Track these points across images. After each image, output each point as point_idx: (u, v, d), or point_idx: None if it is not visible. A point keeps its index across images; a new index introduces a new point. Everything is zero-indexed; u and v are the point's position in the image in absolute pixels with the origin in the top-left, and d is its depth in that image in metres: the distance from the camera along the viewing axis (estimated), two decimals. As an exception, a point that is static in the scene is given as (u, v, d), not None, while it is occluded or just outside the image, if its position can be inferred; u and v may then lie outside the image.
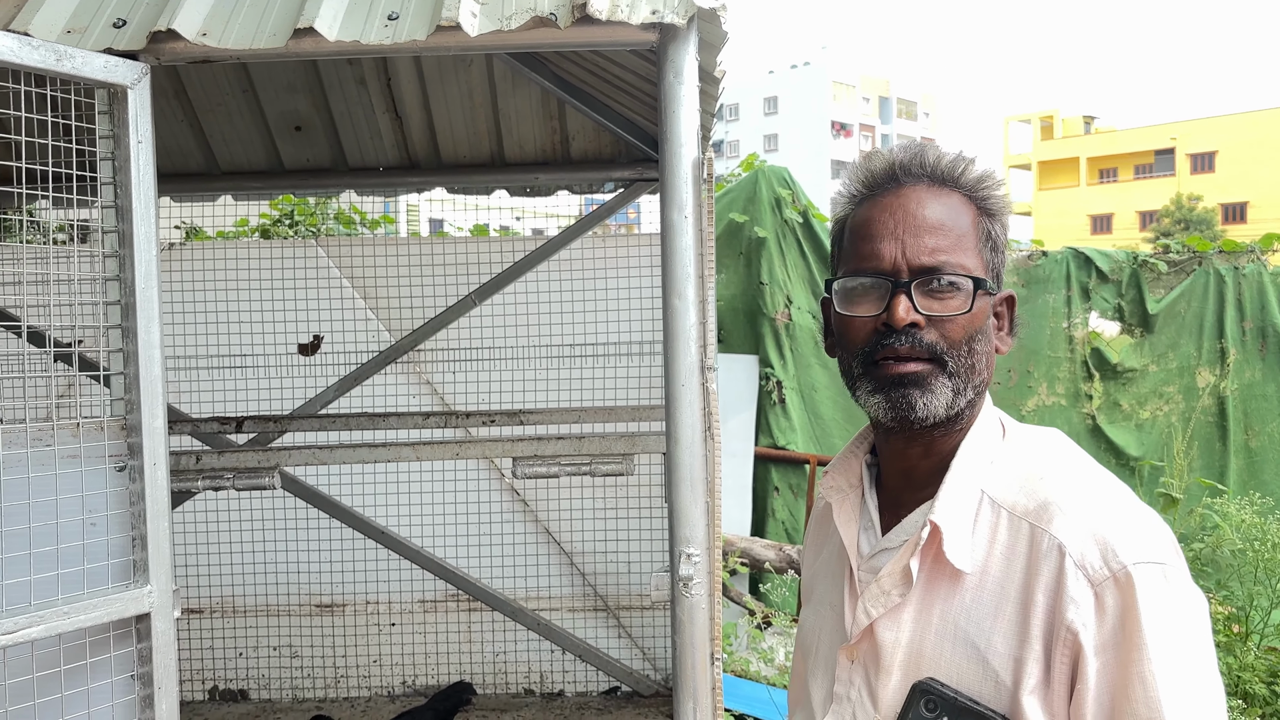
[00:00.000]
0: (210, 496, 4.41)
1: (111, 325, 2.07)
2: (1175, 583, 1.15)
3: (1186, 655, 1.12)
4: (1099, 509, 1.19)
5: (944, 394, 1.23)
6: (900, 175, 1.29)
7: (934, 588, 1.24)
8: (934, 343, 1.23)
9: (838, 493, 1.40)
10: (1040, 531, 1.18)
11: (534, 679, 4.73)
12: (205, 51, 2.06)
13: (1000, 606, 1.19)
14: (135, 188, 2.02)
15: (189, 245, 4.65)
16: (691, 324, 2.12)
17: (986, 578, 1.21)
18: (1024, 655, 1.16)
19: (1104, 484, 1.24)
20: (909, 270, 1.24)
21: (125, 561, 2.06)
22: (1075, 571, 1.14)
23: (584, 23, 1.98)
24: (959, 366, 1.24)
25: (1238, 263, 6.83)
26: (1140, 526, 1.18)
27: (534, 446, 3.04)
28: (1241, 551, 5.03)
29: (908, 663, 1.24)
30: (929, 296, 1.24)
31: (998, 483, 1.26)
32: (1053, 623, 1.15)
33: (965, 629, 1.20)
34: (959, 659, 1.20)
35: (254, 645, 4.69)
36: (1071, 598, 1.13)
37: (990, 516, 1.24)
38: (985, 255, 1.29)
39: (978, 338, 1.26)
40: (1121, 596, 1.12)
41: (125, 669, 2.06)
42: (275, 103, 4.00)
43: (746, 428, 6.49)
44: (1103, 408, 6.87)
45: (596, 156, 4.30)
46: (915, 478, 1.31)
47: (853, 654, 1.31)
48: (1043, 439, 1.33)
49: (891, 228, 1.26)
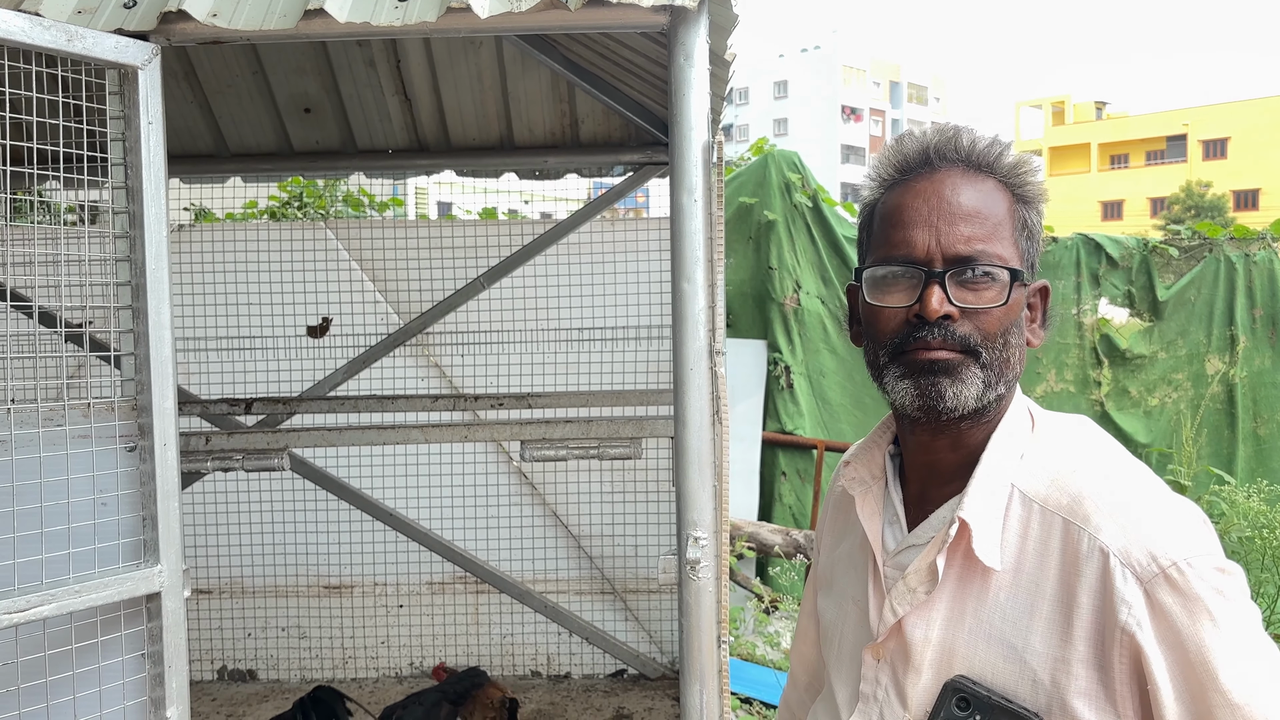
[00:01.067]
0: (220, 477, 4.44)
1: (122, 306, 2.07)
2: (1226, 569, 1.13)
3: (1256, 638, 1.11)
4: (1136, 504, 1.16)
5: (975, 385, 1.19)
6: (934, 159, 1.24)
7: (966, 585, 1.21)
8: (967, 335, 1.19)
9: (860, 484, 1.36)
10: (1077, 529, 1.15)
11: (541, 661, 4.75)
12: (216, 32, 2.06)
13: (1036, 604, 1.16)
14: (146, 169, 2.02)
15: (198, 227, 4.65)
16: (700, 308, 2.12)
17: (1020, 575, 1.18)
18: (1067, 655, 1.13)
19: (1137, 476, 1.21)
20: (943, 259, 1.19)
21: (136, 541, 2.07)
22: (1123, 571, 1.11)
23: (595, 4, 1.97)
24: (993, 359, 1.20)
25: (1249, 250, 6.79)
26: (1179, 518, 1.15)
27: (542, 430, 3.04)
28: (1249, 539, 5.02)
29: (939, 661, 1.21)
30: (963, 287, 1.20)
31: (1029, 477, 1.22)
32: (1103, 625, 1.12)
33: (1000, 627, 1.18)
34: (994, 658, 1.17)
35: (262, 626, 4.72)
36: (1123, 599, 1.10)
37: (1021, 512, 1.20)
38: (1021, 244, 1.24)
39: (1013, 330, 1.22)
40: (1178, 592, 1.09)
41: (136, 647, 2.07)
42: (285, 85, 4.00)
43: (754, 412, 6.49)
44: (1111, 394, 6.85)
45: (606, 140, 4.29)
46: (941, 471, 1.27)
47: (879, 653, 1.27)
48: (1072, 429, 1.29)
49: (925, 214, 1.21)
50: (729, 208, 6.63)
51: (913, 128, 1.33)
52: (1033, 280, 1.27)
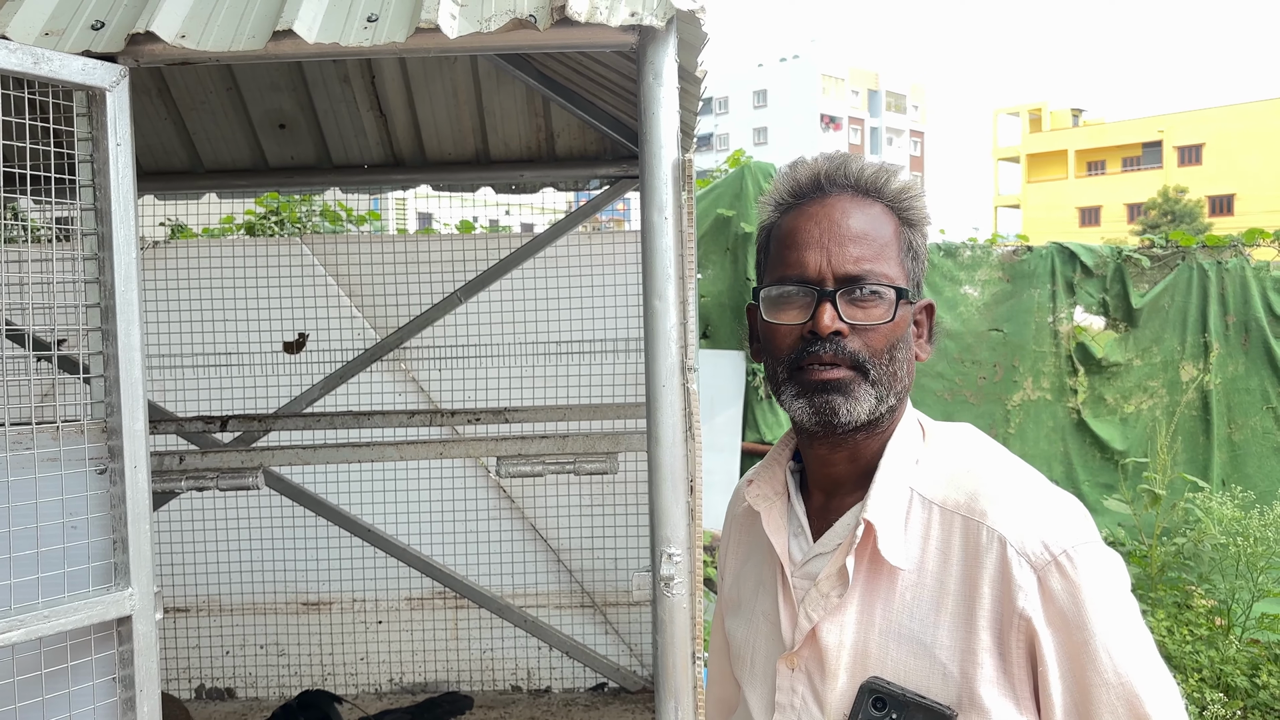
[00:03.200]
0: (197, 494, 4.41)
1: (91, 328, 2.06)
2: (1107, 557, 1.22)
3: (1132, 621, 1.21)
4: (1027, 498, 1.24)
5: (866, 400, 1.26)
6: (825, 185, 1.31)
7: (874, 588, 1.27)
8: (856, 351, 1.26)
9: (764, 500, 1.41)
10: (976, 524, 1.23)
11: (521, 676, 4.74)
12: (184, 54, 2.05)
13: (941, 600, 1.23)
14: (114, 190, 2.01)
15: (173, 243, 4.63)
16: (672, 325, 2.13)
17: (924, 573, 1.25)
18: (973, 646, 1.20)
19: (1023, 474, 1.29)
20: (834, 279, 1.27)
21: (106, 564, 2.05)
22: (1019, 559, 1.19)
23: (563, 24, 1.98)
24: (881, 374, 1.27)
25: (1221, 257, 6.86)
26: (1066, 510, 1.24)
27: (518, 445, 3.04)
28: (1224, 546, 5.06)
29: (853, 664, 1.26)
30: (853, 305, 1.26)
31: (925, 480, 1.29)
32: (1003, 612, 1.19)
33: (909, 626, 1.23)
34: (905, 656, 1.23)
35: (240, 644, 4.69)
36: (1019, 585, 1.18)
37: (922, 513, 1.27)
38: (907, 264, 1.31)
39: (899, 346, 1.29)
40: (1066, 578, 1.17)
41: (107, 672, 2.06)
42: (259, 101, 3.99)
43: (733, 423, 6.51)
44: (1088, 402, 6.90)
45: (582, 153, 4.30)
46: (842, 482, 1.34)
47: (793, 661, 1.32)
48: (960, 435, 1.37)
49: (817, 236, 1.28)
50: (707, 219, 6.65)
51: (804, 155, 1.40)
52: (919, 298, 1.35)
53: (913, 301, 1.32)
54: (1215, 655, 4.76)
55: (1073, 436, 6.88)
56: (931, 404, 6.86)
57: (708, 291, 6.65)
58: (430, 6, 1.99)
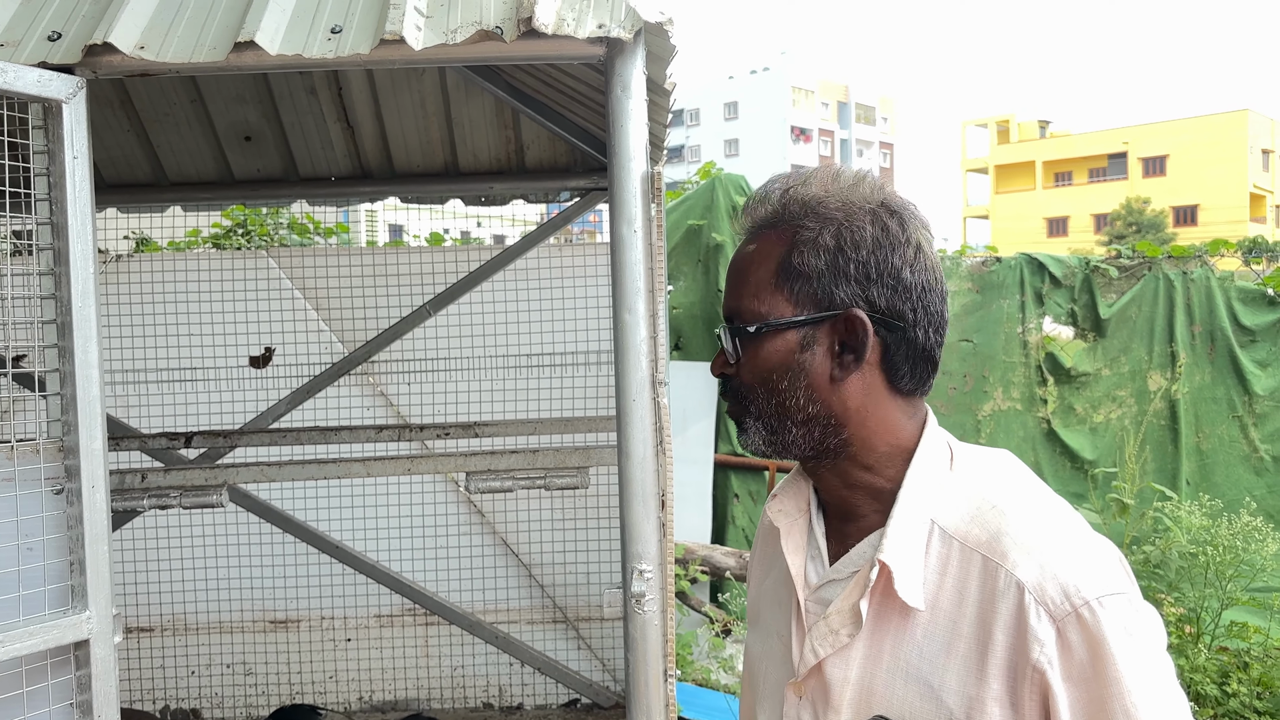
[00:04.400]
0: (161, 513, 4.34)
1: (48, 345, 2.01)
2: (1138, 610, 1.13)
3: (1159, 682, 1.11)
4: (1054, 541, 1.16)
5: (757, 433, 1.28)
6: (744, 220, 1.34)
7: (884, 623, 1.21)
8: (738, 388, 1.29)
9: (786, 517, 1.37)
10: (995, 566, 1.15)
11: (493, 692, 4.69)
12: (144, 65, 2.02)
13: (953, 643, 1.16)
14: (71, 204, 1.97)
15: (137, 257, 4.57)
16: (642, 339, 2.11)
17: (938, 612, 1.18)
18: (982, 694, 1.13)
19: (1056, 513, 1.21)
20: (724, 322, 1.31)
21: (63, 587, 2.00)
22: (1037, 609, 1.11)
23: (530, 36, 1.96)
24: (760, 409, 1.27)
25: (1186, 267, 6.93)
26: (1095, 557, 1.16)
27: (487, 461, 3.01)
28: (1192, 555, 5.09)
29: (857, 700, 1.21)
30: (733, 345, 1.29)
31: (948, 512, 1.22)
32: (1016, 662, 1.12)
33: (918, 665, 1.18)
34: (911, 696, 1.18)
35: (206, 663, 4.61)
36: (1036, 636, 1.11)
37: (941, 548, 1.20)
38: (791, 288, 1.24)
39: (773, 377, 1.25)
40: (1087, 631, 1.10)
41: (64, 697, 2.01)
42: (224, 113, 3.94)
43: (706, 435, 6.49)
44: (1057, 412, 6.94)
45: (552, 165, 4.27)
46: (845, 506, 1.30)
47: (800, 690, 1.28)
48: (993, 464, 1.28)
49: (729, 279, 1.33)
50: (678, 231, 6.64)
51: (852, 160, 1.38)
52: (815, 314, 1.24)
53: (780, 329, 1.24)
54: (1185, 664, 4.79)
55: (1043, 446, 6.91)
56: (903, 415, 6.87)
57: (680, 303, 6.64)
58: (395, 18, 1.97)
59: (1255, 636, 5.19)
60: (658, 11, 2.02)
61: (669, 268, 6.58)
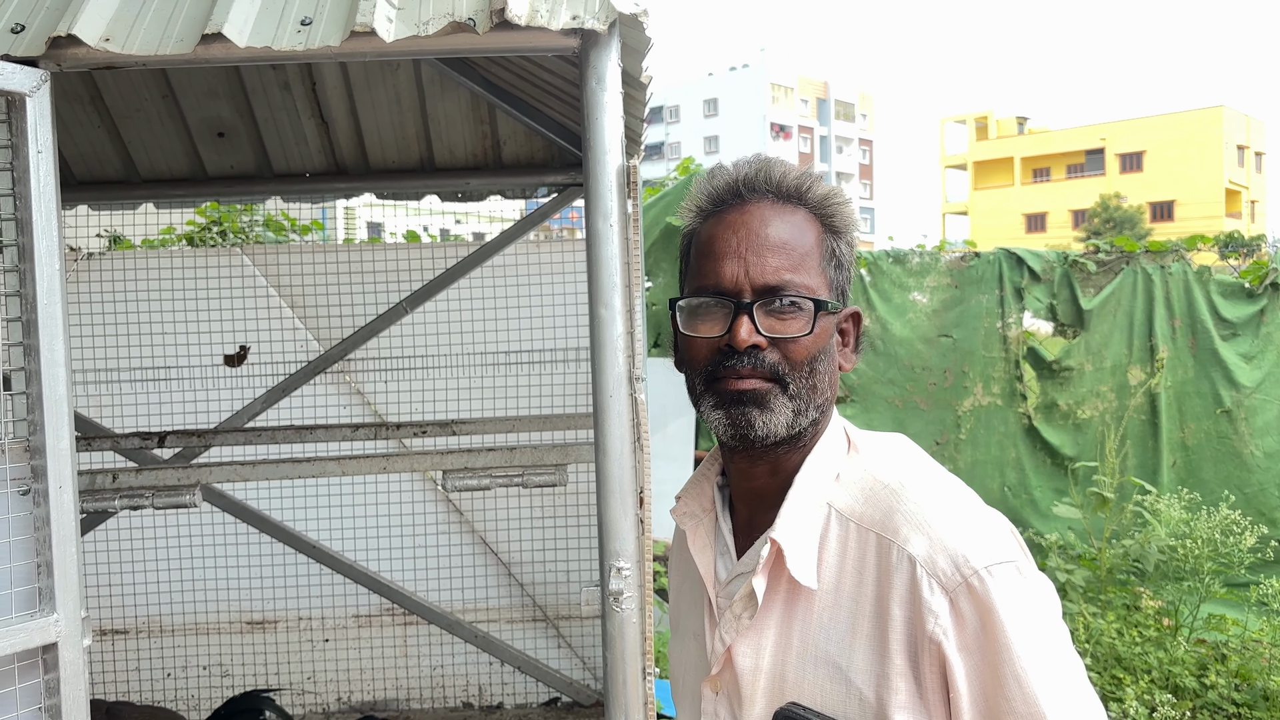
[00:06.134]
0: (134, 513, 4.29)
1: (13, 343, 1.97)
2: (1028, 577, 1.15)
3: (1051, 646, 1.13)
4: (943, 516, 1.18)
5: (784, 414, 1.22)
6: (744, 191, 1.27)
7: (792, 609, 1.22)
8: (775, 363, 1.22)
9: (691, 519, 1.38)
10: (888, 543, 1.17)
11: (472, 692, 4.66)
12: (109, 58, 1.98)
13: (857, 622, 1.18)
14: (35, 200, 1.93)
15: (109, 254, 4.51)
16: (619, 334, 2.08)
17: (841, 594, 1.20)
18: (887, 671, 1.15)
19: (946, 490, 1.23)
20: (752, 290, 1.22)
21: (30, 589, 1.96)
22: (929, 581, 1.13)
23: (503, 28, 1.93)
24: (800, 388, 1.23)
25: (1164, 262, 6.96)
26: (985, 528, 1.18)
27: (464, 459, 2.98)
28: (1171, 548, 5.11)
29: (770, 689, 1.22)
30: (771, 317, 1.22)
31: (844, 495, 1.24)
32: (914, 635, 1.14)
33: (825, 648, 1.19)
34: (821, 680, 1.19)
35: (182, 665, 4.57)
36: (929, 609, 1.12)
37: (839, 530, 1.22)
38: (829, 274, 1.27)
39: (820, 358, 1.25)
40: (977, 599, 1.11)
41: (32, 701, 1.97)
42: (196, 108, 3.89)
43: (686, 431, 6.47)
44: (1039, 407, 6.95)
45: (529, 161, 4.24)
46: (764, 497, 1.29)
47: (716, 685, 1.29)
48: (887, 448, 1.31)
49: (735, 246, 1.24)
50: (656, 228, 6.62)
51: (726, 161, 1.36)
52: (843, 307, 1.30)
53: (835, 311, 1.27)
54: (1164, 656, 4.81)
55: (1023, 441, 6.93)
56: (883, 411, 6.88)
57: (658, 300, 6.62)
58: (366, 9, 1.94)
59: (1233, 629, 5.22)
60: (632, 3, 1.99)
61: (647, 264, 6.56)
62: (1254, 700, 4.56)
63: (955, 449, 6.90)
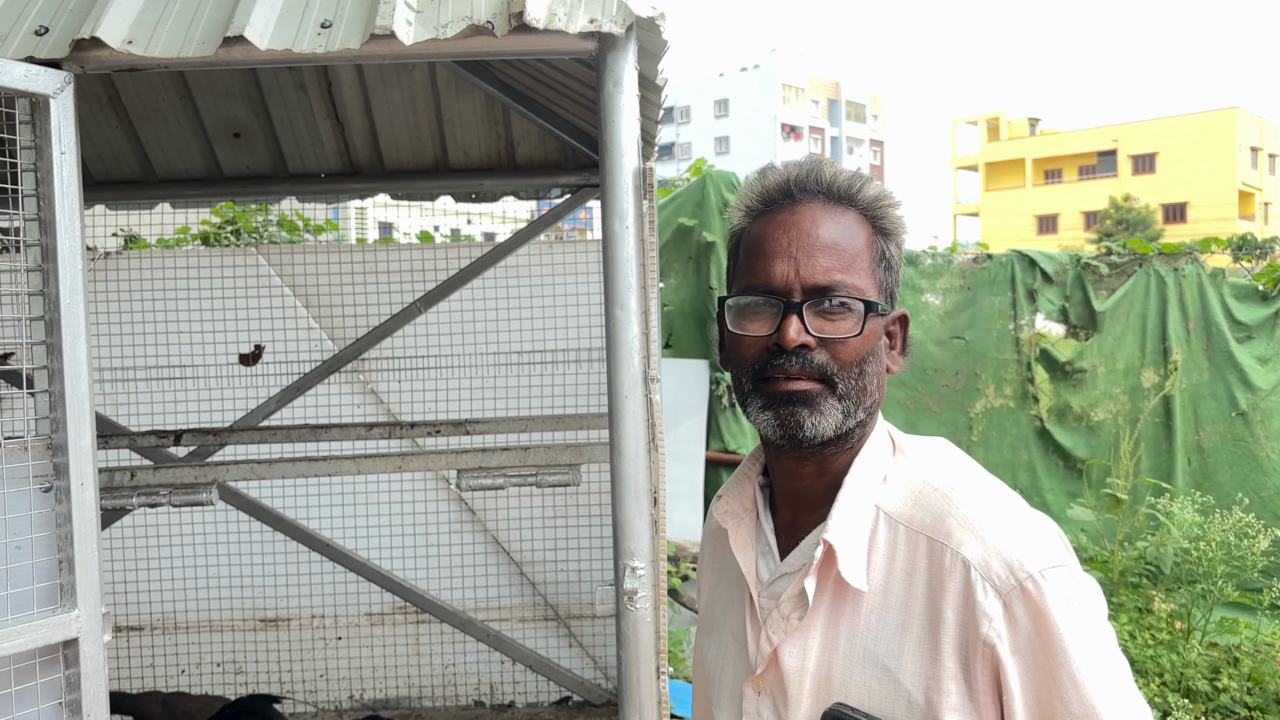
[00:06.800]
0: (150, 511, 4.32)
1: (35, 342, 1.99)
2: (1079, 582, 1.16)
3: (1103, 649, 1.15)
4: (996, 519, 1.19)
5: (833, 415, 1.23)
6: (795, 192, 1.27)
7: (839, 611, 1.23)
8: (824, 364, 1.22)
9: (732, 518, 1.38)
10: (940, 546, 1.19)
11: (484, 690, 4.68)
12: (131, 60, 2.00)
13: (906, 624, 1.19)
14: (59, 200, 1.95)
15: (126, 254, 4.54)
16: (634, 335, 2.10)
17: (890, 596, 1.21)
18: (938, 673, 1.16)
19: (997, 494, 1.25)
20: (801, 290, 1.23)
21: (52, 585, 1.99)
22: (983, 584, 1.14)
23: (521, 31, 1.95)
24: (849, 388, 1.23)
25: (1177, 264, 6.94)
26: (1037, 532, 1.19)
27: (478, 458, 3.00)
28: (1185, 551, 5.10)
29: (816, 689, 1.23)
30: (820, 317, 1.23)
31: (892, 498, 1.25)
32: (967, 639, 1.15)
33: (873, 650, 1.20)
34: (869, 681, 1.19)
35: (197, 662, 4.59)
36: (984, 612, 1.14)
37: (887, 533, 1.23)
38: (879, 275, 1.27)
39: (869, 359, 1.25)
40: (1031, 603, 1.13)
41: (53, 696, 1.99)
42: (213, 109, 3.92)
43: (698, 432, 6.48)
44: (1052, 409, 6.94)
45: (543, 162, 4.26)
46: (809, 498, 1.30)
47: (759, 685, 1.29)
48: (932, 451, 1.32)
49: (785, 245, 1.24)
50: (669, 228, 6.63)
51: (775, 161, 1.36)
52: (891, 309, 1.31)
53: (884, 313, 1.28)
54: (1177, 659, 4.80)
55: (1036, 443, 6.92)
56: (895, 412, 6.88)
57: (671, 300, 6.64)
58: (385, 12, 1.95)
59: (1246, 632, 5.21)
60: (649, 6, 2.01)
61: (659, 265, 6.57)
62: (1266, 704, 4.55)
63: (967, 451, 6.76)
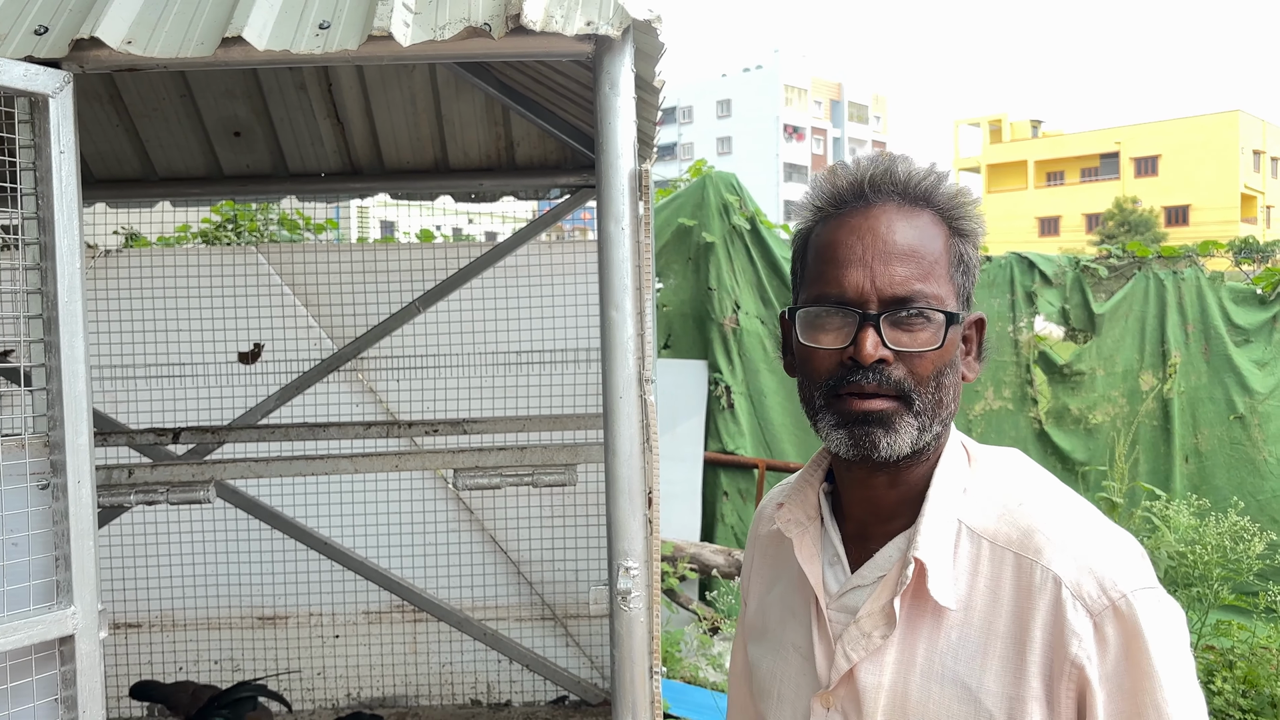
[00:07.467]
0: (149, 508, 4.33)
1: (34, 340, 2.01)
2: (1167, 605, 1.13)
3: (1187, 677, 1.11)
4: (1086, 536, 1.15)
5: (909, 433, 1.16)
6: (869, 192, 1.19)
7: (916, 627, 1.18)
8: (901, 379, 1.15)
9: (796, 526, 1.31)
10: (1029, 563, 1.14)
11: (480, 689, 4.69)
12: (131, 60, 2.01)
13: (989, 642, 1.14)
14: (58, 199, 1.96)
15: (127, 252, 4.55)
16: (629, 336, 2.11)
17: (972, 613, 1.16)
18: (1022, 694, 1.12)
19: (1080, 508, 1.21)
20: (878, 301, 1.15)
21: (48, 582, 2.00)
22: (1074, 603, 1.10)
23: (518, 33, 1.96)
24: (926, 404, 1.17)
25: (1176, 268, 6.94)
26: (1126, 551, 1.16)
27: (475, 457, 3.01)
28: (1180, 554, 5.11)
29: (891, 707, 1.18)
30: (898, 329, 1.16)
31: (975, 512, 1.20)
32: (1053, 659, 1.11)
33: (954, 668, 1.15)
34: (948, 700, 1.15)
35: (194, 659, 4.61)
36: (1073, 631, 1.10)
37: (970, 548, 1.18)
38: (957, 280, 1.20)
39: (946, 371, 1.18)
40: (1124, 624, 1.09)
41: (49, 693, 2.00)
42: (213, 108, 3.93)
43: (696, 432, 6.49)
44: (1050, 411, 6.94)
45: (542, 162, 4.27)
46: (881, 508, 1.24)
47: (829, 701, 1.23)
48: (1008, 462, 1.27)
49: (860, 253, 1.16)
50: (669, 228, 6.64)
51: (846, 158, 1.27)
52: (968, 314, 1.24)
53: (962, 320, 1.21)
54: (1172, 662, 4.80)
55: (1034, 446, 6.92)
56: (893, 413, 6.87)
57: (669, 301, 6.64)
58: (383, 14, 1.97)
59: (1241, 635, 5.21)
60: (646, 9, 2.02)
61: (659, 265, 6.58)
62: (1261, 707, 4.56)
63: (965, 453, 6.89)
